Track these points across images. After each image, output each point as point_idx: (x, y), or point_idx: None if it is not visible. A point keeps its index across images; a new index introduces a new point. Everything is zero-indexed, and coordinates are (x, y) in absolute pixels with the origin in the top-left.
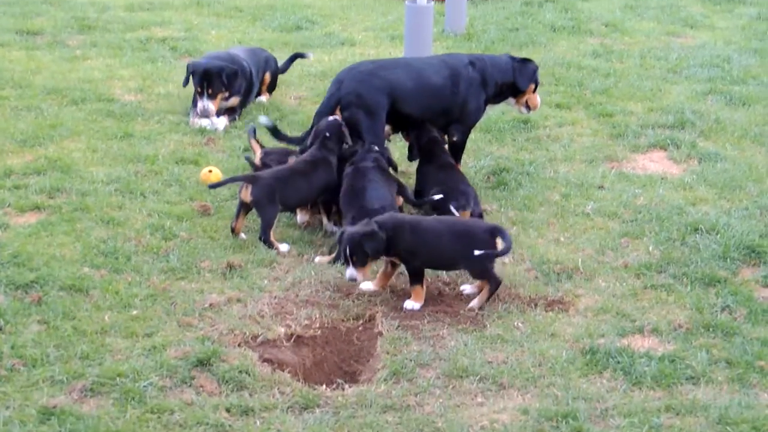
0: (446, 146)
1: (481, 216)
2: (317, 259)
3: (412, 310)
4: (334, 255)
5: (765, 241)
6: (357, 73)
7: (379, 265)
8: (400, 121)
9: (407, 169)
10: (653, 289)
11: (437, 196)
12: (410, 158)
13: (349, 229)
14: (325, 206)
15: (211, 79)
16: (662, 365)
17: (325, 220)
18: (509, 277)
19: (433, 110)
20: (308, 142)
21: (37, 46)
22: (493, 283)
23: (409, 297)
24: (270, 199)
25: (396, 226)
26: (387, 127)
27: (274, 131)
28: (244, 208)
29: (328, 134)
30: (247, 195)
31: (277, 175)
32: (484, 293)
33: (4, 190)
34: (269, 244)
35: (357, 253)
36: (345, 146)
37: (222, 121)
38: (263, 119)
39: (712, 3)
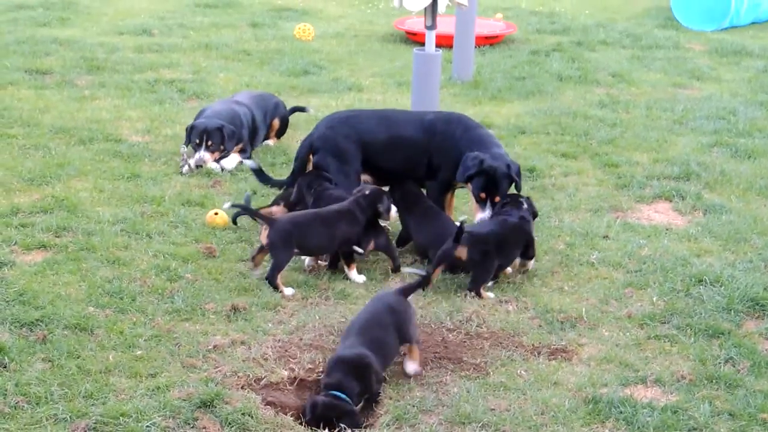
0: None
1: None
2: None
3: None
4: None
5: None
6: (329, 120)
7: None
8: (379, 174)
9: None
10: (657, 340)
11: None
12: None
13: (321, 401)
14: (345, 257)
15: (210, 134)
16: (665, 416)
17: (346, 269)
18: (513, 325)
19: (405, 162)
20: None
21: (45, 86)
22: (418, 343)
23: None
24: (285, 243)
25: (362, 366)
26: (367, 178)
27: (259, 174)
28: (263, 247)
29: (367, 192)
30: (264, 237)
31: (295, 220)
32: (416, 354)
33: (10, 228)
34: (275, 287)
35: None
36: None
37: (234, 159)
38: (249, 162)
39: (719, 55)
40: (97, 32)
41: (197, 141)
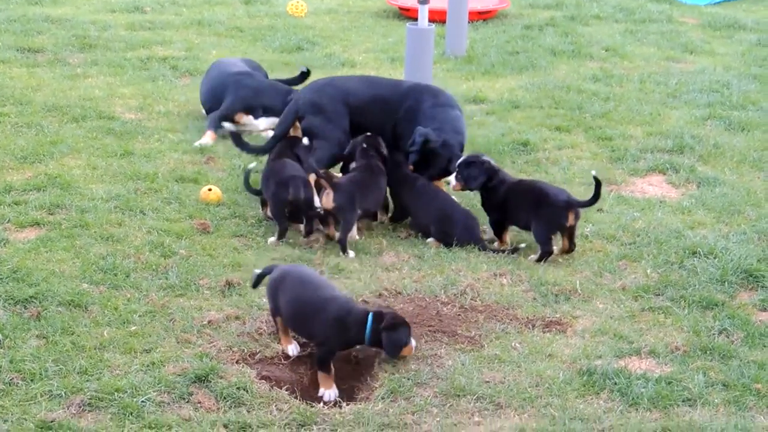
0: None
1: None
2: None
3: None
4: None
5: (763, 266)
6: (313, 85)
7: None
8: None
9: None
10: (651, 312)
11: None
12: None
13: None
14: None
15: None
16: (659, 387)
17: (356, 233)
18: (507, 297)
19: (379, 124)
20: (346, 152)
21: (38, 64)
22: None
23: None
24: (351, 204)
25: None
26: None
27: (236, 138)
28: (329, 215)
29: (365, 145)
30: (328, 202)
31: (353, 180)
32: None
33: (4, 206)
34: (344, 249)
35: None
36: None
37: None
38: (228, 125)
39: (712, 29)
40: (89, 10)
41: None
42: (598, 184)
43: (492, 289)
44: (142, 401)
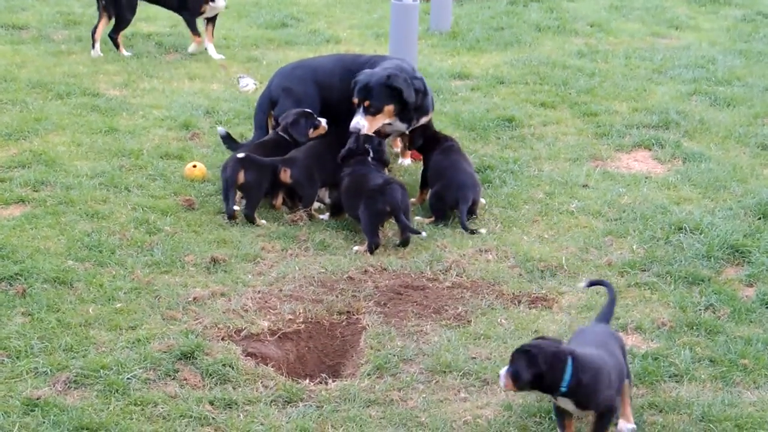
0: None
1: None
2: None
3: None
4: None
5: (749, 241)
6: (282, 70)
7: None
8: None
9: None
10: (637, 288)
11: None
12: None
13: None
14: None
15: None
16: (646, 363)
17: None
18: (493, 274)
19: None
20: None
21: (22, 41)
22: None
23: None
24: (309, 179)
25: None
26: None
27: (227, 140)
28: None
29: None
30: (286, 177)
31: (310, 153)
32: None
33: None
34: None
35: None
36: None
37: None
38: (221, 129)
39: (698, 4)
40: None
41: None
42: None
43: (478, 266)
44: (128, 378)
